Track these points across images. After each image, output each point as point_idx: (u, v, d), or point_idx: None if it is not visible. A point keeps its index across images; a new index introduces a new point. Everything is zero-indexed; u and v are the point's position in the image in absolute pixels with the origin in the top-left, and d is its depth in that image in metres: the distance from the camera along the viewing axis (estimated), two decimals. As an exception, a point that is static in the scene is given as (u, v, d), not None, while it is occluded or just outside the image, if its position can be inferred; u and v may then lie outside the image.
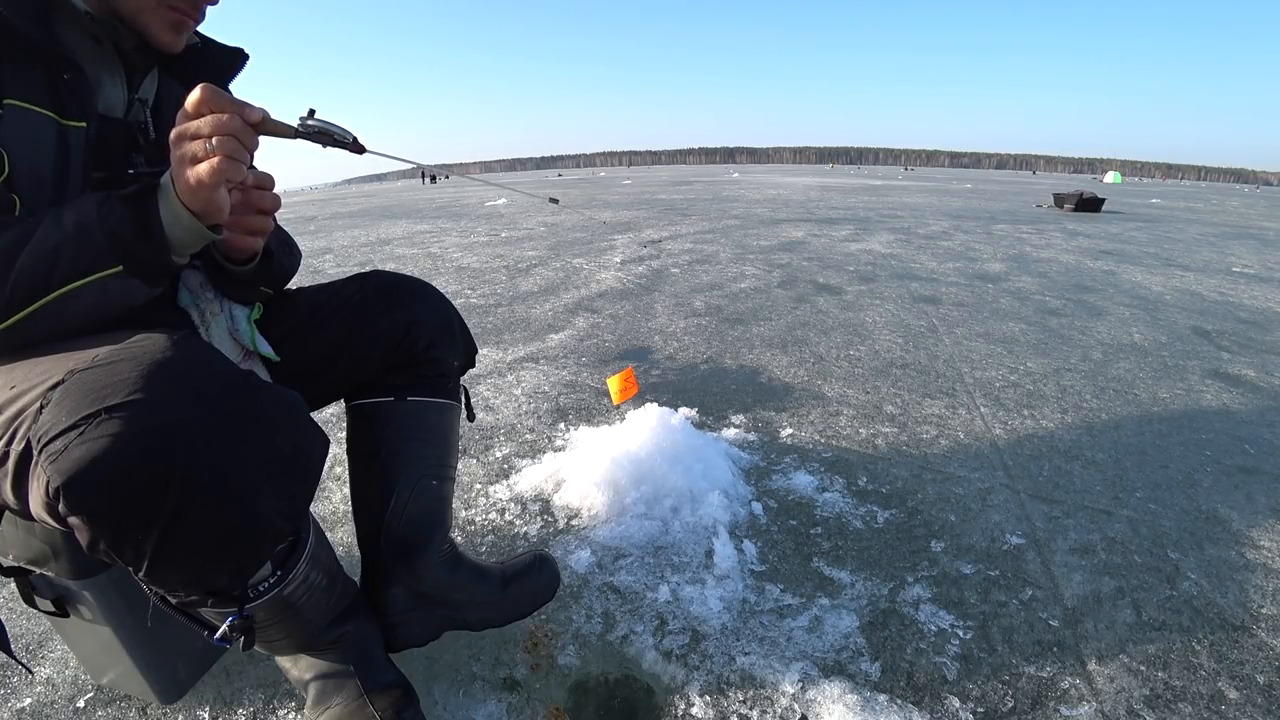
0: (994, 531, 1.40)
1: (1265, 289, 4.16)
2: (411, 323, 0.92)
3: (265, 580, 0.69)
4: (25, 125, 0.64)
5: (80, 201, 0.62)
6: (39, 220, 0.61)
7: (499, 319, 3.26)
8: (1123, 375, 2.43)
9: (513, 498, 1.54)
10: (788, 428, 1.93)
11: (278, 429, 0.59)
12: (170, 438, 0.51)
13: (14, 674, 1.04)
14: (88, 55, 0.71)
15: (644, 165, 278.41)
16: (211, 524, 0.54)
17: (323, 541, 0.80)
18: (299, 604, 0.75)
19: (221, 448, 0.54)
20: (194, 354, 0.58)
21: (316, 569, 0.76)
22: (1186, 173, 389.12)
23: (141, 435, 0.50)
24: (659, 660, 1.04)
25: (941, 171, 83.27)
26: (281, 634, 0.79)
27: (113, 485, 0.50)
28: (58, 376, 0.55)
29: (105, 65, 0.73)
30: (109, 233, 0.61)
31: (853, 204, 10.99)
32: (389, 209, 11.82)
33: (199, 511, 0.53)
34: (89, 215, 0.61)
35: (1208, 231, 7.83)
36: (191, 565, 0.56)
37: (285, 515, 0.60)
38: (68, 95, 0.67)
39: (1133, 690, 0.99)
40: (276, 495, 0.58)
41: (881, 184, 21.09)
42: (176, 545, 0.54)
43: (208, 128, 0.60)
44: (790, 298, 3.66)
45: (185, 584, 0.59)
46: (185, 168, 0.61)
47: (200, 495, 0.53)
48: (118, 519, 0.51)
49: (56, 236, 0.60)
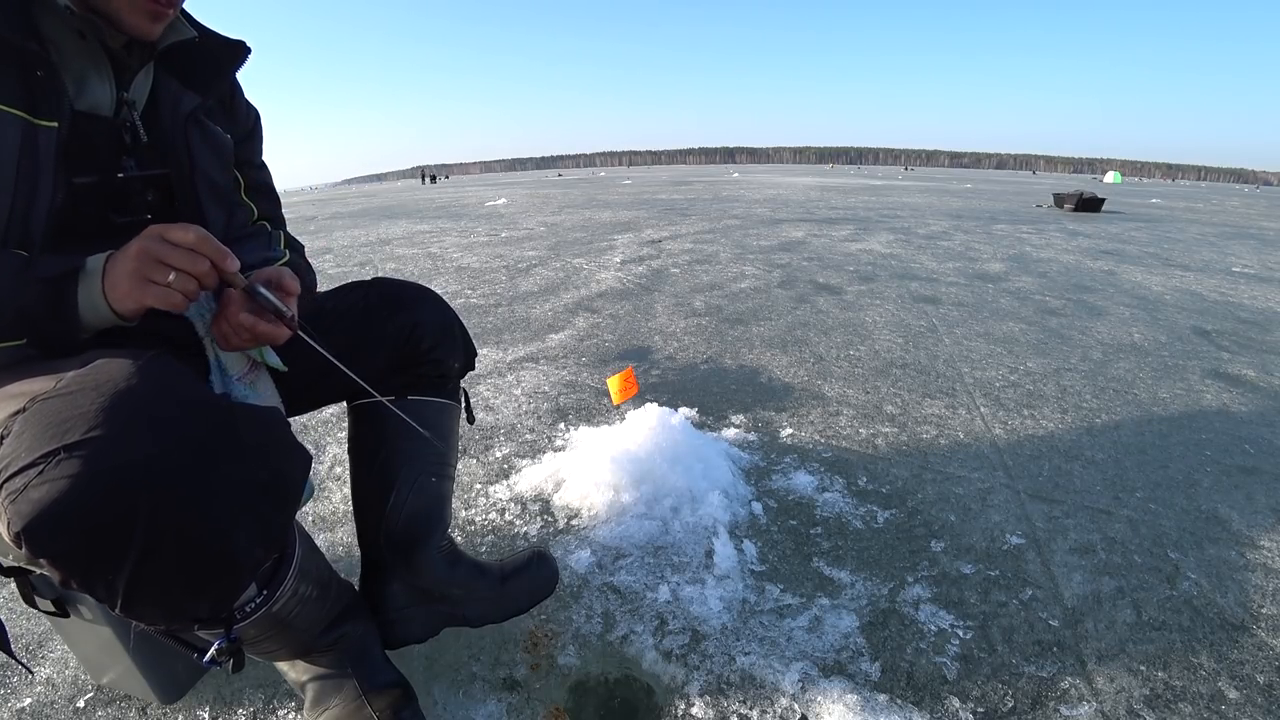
0: (994, 531, 1.40)
1: (1265, 289, 4.16)
2: (415, 324, 0.93)
3: (252, 601, 0.67)
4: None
5: (1, 267, 0.61)
6: None
7: (499, 319, 3.26)
8: (1123, 375, 2.43)
9: (513, 498, 1.54)
10: (788, 428, 1.93)
11: (251, 455, 0.57)
12: (132, 477, 0.49)
13: (14, 674, 1.04)
14: (71, 52, 0.68)
15: (644, 165, 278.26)
16: (185, 562, 0.52)
17: (311, 551, 0.79)
18: (290, 618, 0.74)
19: (189, 483, 0.52)
20: (160, 381, 0.56)
21: (305, 581, 0.75)
22: (1186, 173, 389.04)
23: (102, 475, 0.48)
24: (659, 660, 1.04)
25: (941, 171, 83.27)
26: (275, 645, 0.78)
27: (74, 529, 0.48)
28: (19, 404, 0.53)
29: (91, 63, 0.70)
30: (19, 309, 0.60)
31: (853, 204, 10.99)
32: (389, 209, 11.82)
33: (169, 551, 0.51)
34: (4, 288, 0.60)
35: (1208, 231, 7.83)
36: (167, 602, 0.55)
37: (264, 544, 0.58)
38: (40, 94, 0.65)
39: (1133, 690, 0.99)
40: (253, 526, 0.56)
41: (881, 184, 21.09)
42: (149, 584, 0.52)
43: (181, 264, 0.61)
44: (790, 298, 3.66)
45: (164, 619, 0.57)
46: (139, 284, 0.61)
47: (169, 534, 0.51)
48: (84, 561, 0.50)
49: None
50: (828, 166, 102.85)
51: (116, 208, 0.74)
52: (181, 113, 0.79)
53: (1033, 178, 53.01)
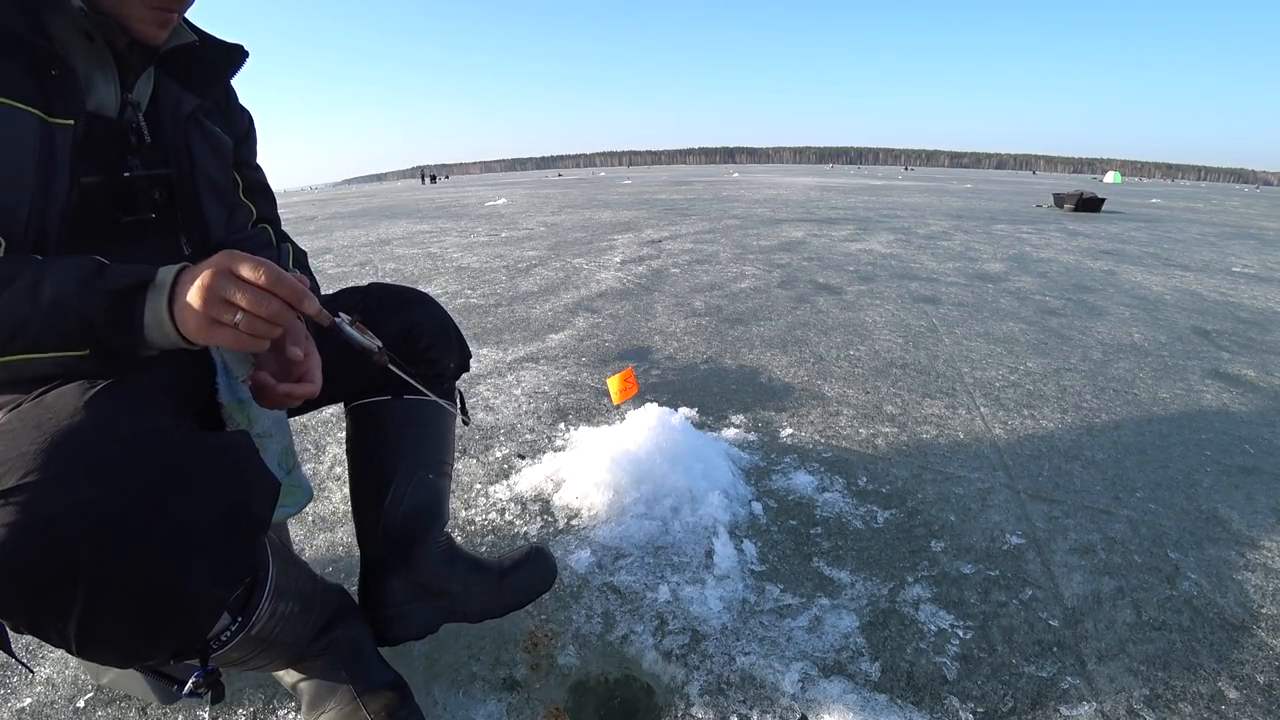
0: (994, 531, 1.40)
1: (1265, 289, 4.16)
2: (413, 325, 0.94)
3: (226, 630, 0.65)
4: (7, 123, 0.61)
5: (65, 271, 0.58)
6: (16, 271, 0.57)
7: (499, 319, 3.26)
8: (1123, 375, 2.43)
9: (513, 498, 1.54)
10: (788, 428, 1.93)
11: (204, 492, 0.54)
12: (71, 524, 0.47)
13: (14, 674, 1.04)
14: (79, 52, 0.69)
15: (644, 165, 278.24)
16: (137, 609, 0.50)
17: (288, 565, 0.76)
18: (272, 637, 0.72)
19: (134, 529, 0.49)
20: (107, 416, 0.53)
21: (284, 599, 0.73)
22: (1186, 173, 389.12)
23: (39, 524, 0.46)
24: (659, 660, 1.04)
25: (941, 171, 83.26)
26: (262, 662, 0.77)
27: (13, 581, 0.46)
28: None
29: (98, 63, 0.71)
30: (84, 319, 0.57)
31: (853, 204, 10.99)
32: (389, 209, 11.82)
33: (117, 598, 0.49)
34: (69, 295, 0.57)
35: (1208, 231, 7.83)
36: (124, 647, 0.53)
37: (223, 584, 0.56)
38: (55, 92, 0.65)
39: (1133, 690, 0.99)
40: (207, 567, 0.54)
41: (881, 184, 21.09)
42: (101, 630, 0.50)
43: (249, 305, 0.56)
44: (790, 298, 3.66)
45: (125, 662, 0.55)
46: (206, 323, 0.57)
47: (115, 582, 0.48)
48: (29, 611, 0.48)
49: (27, 308, 0.56)
50: (828, 166, 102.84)
51: (122, 207, 0.75)
52: (182, 113, 0.80)
53: (1033, 178, 53.01)
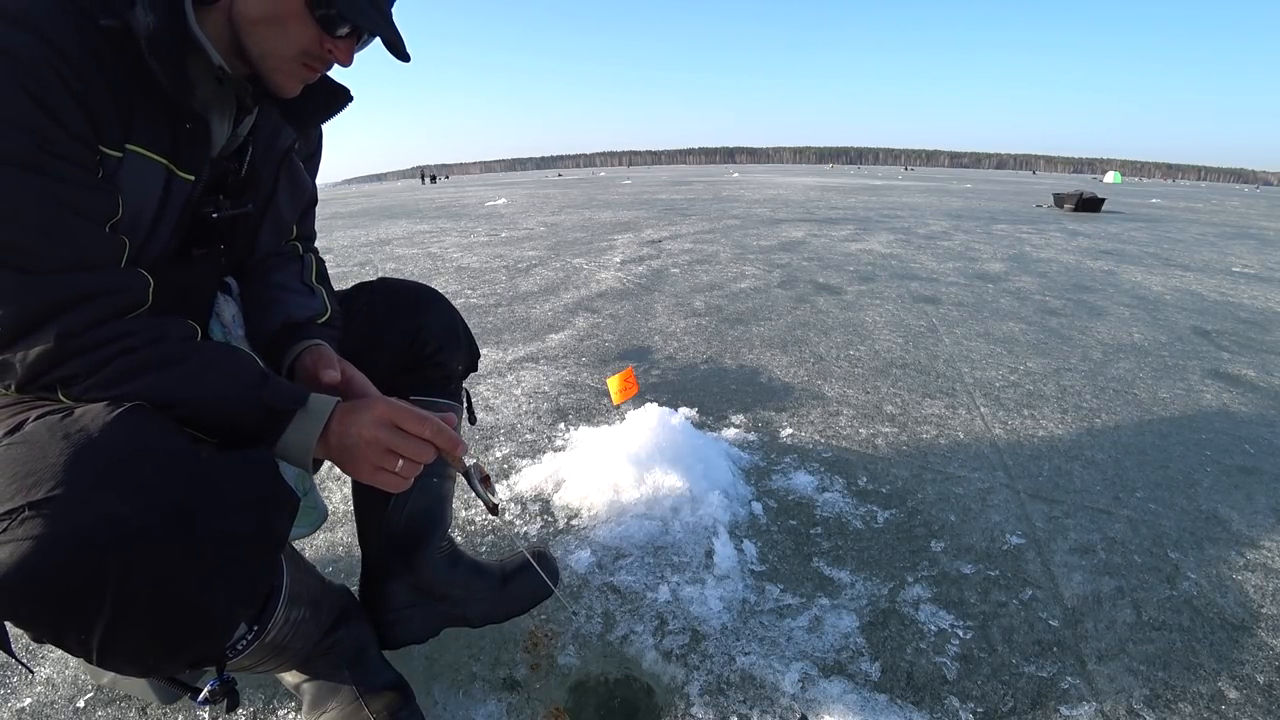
0: (994, 531, 1.40)
1: (1265, 289, 4.16)
2: (420, 328, 0.93)
3: (242, 639, 0.66)
4: (141, 172, 0.62)
5: (229, 369, 0.63)
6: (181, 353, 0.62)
7: (499, 319, 3.26)
8: (1123, 375, 2.43)
9: (513, 498, 1.54)
10: (788, 428, 1.93)
11: (233, 510, 0.54)
12: (100, 539, 0.47)
13: (14, 674, 1.04)
14: (207, 96, 0.68)
15: (644, 165, 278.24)
16: (160, 624, 0.51)
17: (300, 573, 0.77)
18: (284, 643, 0.73)
19: (161, 547, 0.49)
20: (135, 431, 0.53)
21: (296, 606, 0.73)
22: (1186, 173, 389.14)
23: (67, 538, 0.46)
24: (659, 660, 1.04)
25: (941, 171, 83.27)
26: (271, 666, 0.78)
27: (40, 593, 0.46)
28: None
29: (219, 108, 0.71)
30: (234, 420, 0.62)
31: (852, 204, 10.99)
32: (389, 209, 11.82)
33: (143, 614, 0.49)
34: (229, 398, 0.62)
35: (1208, 231, 7.83)
36: (144, 660, 0.53)
37: (244, 601, 0.57)
38: (185, 145, 0.65)
39: (1133, 690, 0.99)
40: (232, 585, 0.54)
41: (881, 184, 21.09)
42: (121, 646, 0.50)
43: (413, 455, 0.66)
44: (790, 298, 3.66)
45: (143, 673, 0.56)
46: (373, 471, 0.66)
47: (141, 598, 0.49)
48: (53, 623, 0.48)
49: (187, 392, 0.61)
50: (828, 166, 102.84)
51: (200, 243, 0.75)
52: (277, 149, 0.79)
53: (1033, 178, 53.02)
